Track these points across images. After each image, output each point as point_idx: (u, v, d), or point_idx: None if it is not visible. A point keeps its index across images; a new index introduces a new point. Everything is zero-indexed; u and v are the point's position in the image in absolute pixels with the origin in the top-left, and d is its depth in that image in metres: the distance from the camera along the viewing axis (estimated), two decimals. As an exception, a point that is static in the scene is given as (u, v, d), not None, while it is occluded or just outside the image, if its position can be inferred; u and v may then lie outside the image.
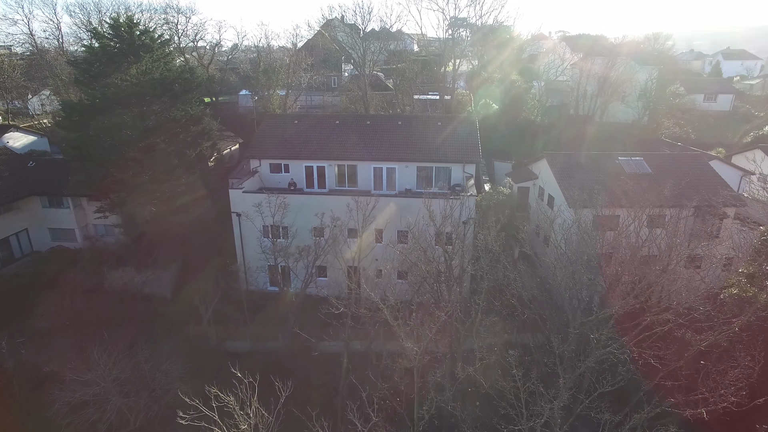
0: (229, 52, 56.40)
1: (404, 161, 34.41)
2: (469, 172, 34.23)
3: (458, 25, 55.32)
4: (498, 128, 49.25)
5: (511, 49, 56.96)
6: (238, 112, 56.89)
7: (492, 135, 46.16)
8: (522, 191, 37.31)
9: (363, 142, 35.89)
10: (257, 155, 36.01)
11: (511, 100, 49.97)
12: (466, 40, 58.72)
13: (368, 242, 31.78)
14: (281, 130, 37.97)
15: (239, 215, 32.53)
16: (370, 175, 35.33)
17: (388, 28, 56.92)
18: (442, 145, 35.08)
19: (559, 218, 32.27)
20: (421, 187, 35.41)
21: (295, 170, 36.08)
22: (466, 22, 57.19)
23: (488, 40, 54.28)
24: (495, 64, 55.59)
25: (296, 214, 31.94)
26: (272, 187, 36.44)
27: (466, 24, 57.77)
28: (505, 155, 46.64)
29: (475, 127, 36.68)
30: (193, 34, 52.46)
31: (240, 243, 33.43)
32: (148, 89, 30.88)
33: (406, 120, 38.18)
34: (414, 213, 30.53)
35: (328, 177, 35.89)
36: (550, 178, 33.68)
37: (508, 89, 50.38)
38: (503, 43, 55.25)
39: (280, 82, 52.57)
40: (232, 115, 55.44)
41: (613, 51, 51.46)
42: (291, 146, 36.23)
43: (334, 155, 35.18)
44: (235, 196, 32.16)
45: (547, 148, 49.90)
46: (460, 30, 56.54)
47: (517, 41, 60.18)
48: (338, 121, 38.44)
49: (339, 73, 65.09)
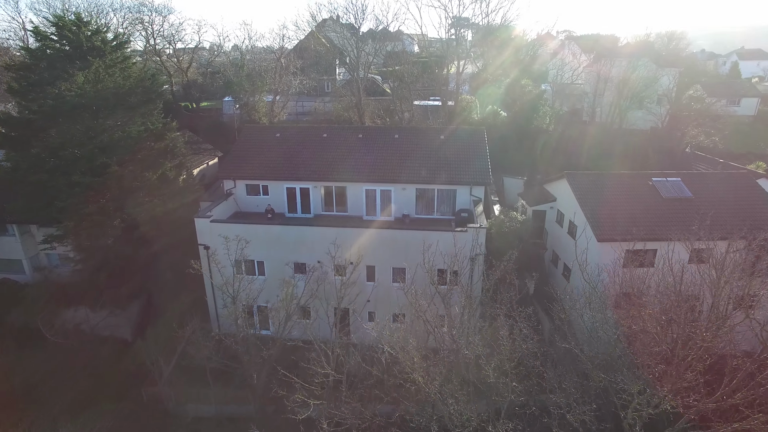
0: (209, 54, 51.62)
1: (401, 182, 29.53)
2: (478, 195, 29.34)
3: (461, 24, 50.35)
4: (507, 138, 44.31)
5: (519, 50, 52.07)
6: (221, 120, 52.03)
7: (500, 146, 41.24)
8: (538, 215, 32.41)
9: (354, 160, 31.01)
10: (232, 175, 31.17)
11: (522, 106, 45.02)
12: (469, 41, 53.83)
13: (358, 280, 26.93)
14: (260, 144, 33.12)
15: (207, 248, 27.69)
16: (362, 199, 30.46)
17: (386, 26, 52.10)
18: (445, 164, 30.19)
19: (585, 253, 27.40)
20: (422, 212, 30.54)
21: (275, 192, 31.22)
22: (468, 21, 52.23)
23: (495, 40, 49.36)
24: (501, 66, 50.67)
25: (273, 248, 27.14)
26: (249, 211, 31.66)
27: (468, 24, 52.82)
28: (516, 170, 41.73)
29: (484, 142, 31.78)
30: (171, 34, 47.75)
31: (210, 280, 28.55)
32: (98, 100, 26.06)
33: (404, 133, 33.29)
34: (412, 248, 25.71)
35: (313, 200, 31.02)
36: (571, 202, 28.78)
37: (518, 94, 45.42)
38: (511, 44, 50.34)
39: (266, 87, 47.70)
40: (214, 123, 50.62)
41: (634, 52, 46.52)
42: (271, 164, 31.38)
43: (321, 175, 30.32)
44: (202, 226, 27.32)
45: (560, 160, 45.12)
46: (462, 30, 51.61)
47: (525, 42, 55.23)
48: (326, 134, 33.56)
49: (333, 77, 60.21)
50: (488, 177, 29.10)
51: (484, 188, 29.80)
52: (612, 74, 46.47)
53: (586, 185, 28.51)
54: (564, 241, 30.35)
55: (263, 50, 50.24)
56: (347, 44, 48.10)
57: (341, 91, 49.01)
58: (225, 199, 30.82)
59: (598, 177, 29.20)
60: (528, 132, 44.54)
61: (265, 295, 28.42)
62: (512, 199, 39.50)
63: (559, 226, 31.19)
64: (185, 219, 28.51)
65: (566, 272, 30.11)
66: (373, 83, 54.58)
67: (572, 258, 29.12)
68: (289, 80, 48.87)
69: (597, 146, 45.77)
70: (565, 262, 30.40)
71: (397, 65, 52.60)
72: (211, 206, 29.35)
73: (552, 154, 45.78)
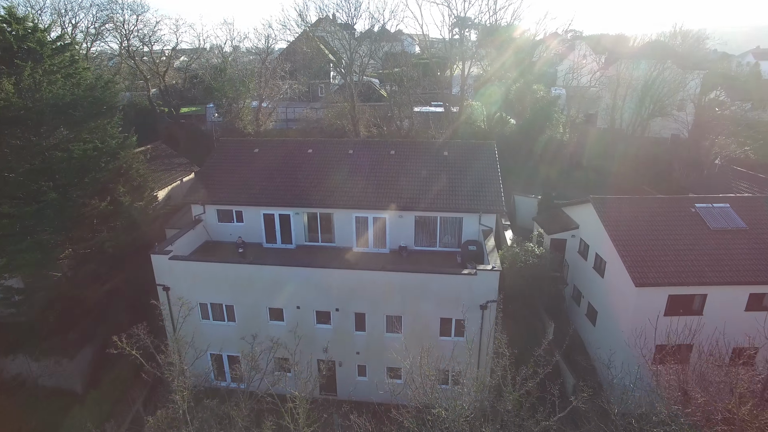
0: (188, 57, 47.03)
1: (397, 209, 25.03)
2: (488, 224, 24.84)
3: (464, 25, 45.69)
4: (517, 149, 39.82)
5: (528, 51, 47.45)
6: (203, 128, 47.58)
7: (509, 158, 36.76)
8: (557, 243, 27.91)
9: (342, 181, 26.55)
10: (200, 198, 26.73)
11: (533, 113, 40.46)
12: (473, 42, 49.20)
13: (345, 330, 22.55)
14: (236, 162, 28.71)
15: (167, 289, 23.27)
16: (351, 227, 25.99)
17: (382, 25, 47.61)
18: (449, 186, 25.72)
19: (614, 294, 22.94)
20: (422, 244, 26.06)
21: (250, 219, 26.78)
22: (471, 21, 47.51)
23: (502, 40, 44.77)
24: (509, 68, 46.02)
25: (244, 290, 22.72)
26: (222, 241, 27.24)
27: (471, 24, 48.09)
28: (528, 186, 37.22)
29: (495, 159, 27.30)
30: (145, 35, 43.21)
31: (172, 324, 24.09)
32: (32, 114, 21.63)
33: (402, 148, 28.80)
34: (410, 293, 21.31)
35: (294, 228, 26.57)
36: (598, 232, 24.28)
37: (529, 100, 40.84)
38: (520, 44, 45.72)
39: (252, 93, 43.25)
40: (195, 132, 46.15)
41: (656, 53, 41.93)
42: (246, 186, 26.94)
43: (303, 199, 25.86)
44: (160, 263, 22.89)
45: (577, 174, 40.58)
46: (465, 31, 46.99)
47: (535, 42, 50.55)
48: (311, 149, 29.10)
49: (326, 81, 55.73)
50: (501, 203, 24.60)
51: (496, 216, 25.31)
52: (633, 77, 41.84)
53: (616, 213, 23.98)
54: (589, 276, 25.84)
55: (247, 52, 45.73)
56: (341, 46, 43.65)
57: (333, 97, 44.46)
58: (193, 227, 26.41)
59: (631, 203, 24.66)
60: (540, 142, 39.99)
61: (237, 343, 24.03)
62: (524, 220, 34.99)
63: (582, 258, 26.67)
64: (146, 250, 24.15)
65: (591, 313, 25.62)
66: (369, 87, 50.09)
67: (599, 298, 24.74)
68: (276, 84, 44.41)
69: (618, 158, 41.22)
70: (590, 301, 25.91)
71: (395, 67, 48.08)
72: (175, 237, 24.94)
73: (568, 168, 41.30)
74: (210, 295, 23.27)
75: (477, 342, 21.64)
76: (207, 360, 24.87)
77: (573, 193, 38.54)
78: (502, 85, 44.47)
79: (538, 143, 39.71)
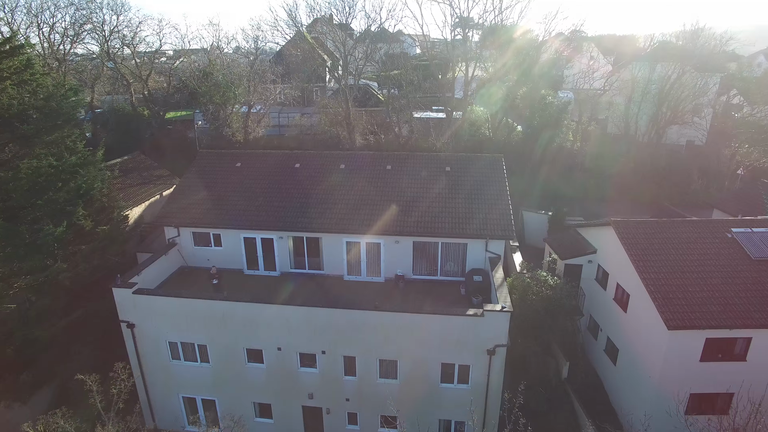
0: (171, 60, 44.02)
1: (393, 233, 22.16)
2: (496, 251, 21.96)
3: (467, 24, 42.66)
4: (525, 159, 36.96)
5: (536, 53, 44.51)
6: (191, 135, 44.80)
7: (516, 169, 33.90)
8: (572, 269, 25.02)
9: (332, 200, 23.72)
10: (173, 220, 23.92)
11: (542, 120, 37.55)
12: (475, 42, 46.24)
13: (333, 375, 19.75)
14: (215, 177, 25.93)
15: (132, 326, 20.47)
16: (342, 253, 23.14)
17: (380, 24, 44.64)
18: (453, 208, 22.85)
19: (640, 333, 20.07)
20: (421, 272, 23.19)
21: (230, 243, 23.95)
22: (472, 21, 44.46)
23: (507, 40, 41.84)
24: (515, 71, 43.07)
25: (218, 329, 19.91)
26: (199, 267, 24.44)
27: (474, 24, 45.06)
28: (537, 200, 34.37)
29: (503, 176, 24.44)
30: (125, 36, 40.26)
31: (138, 364, 21.32)
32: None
33: (399, 162, 25.93)
34: (406, 334, 18.52)
35: (279, 254, 23.73)
36: (621, 260, 21.40)
37: (538, 106, 37.93)
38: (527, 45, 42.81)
39: (240, 98, 40.45)
40: (182, 140, 43.35)
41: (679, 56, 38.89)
42: (226, 206, 24.13)
43: (288, 222, 23.02)
44: (123, 298, 20.09)
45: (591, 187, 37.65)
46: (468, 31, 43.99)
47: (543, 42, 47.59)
48: (298, 163, 26.27)
49: (322, 85, 52.85)
50: (511, 228, 21.71)
51: (504, 242, 22.43)
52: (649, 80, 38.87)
53: (641, 239, 21.08)
54: (608, 308, 22.96)
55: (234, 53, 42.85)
56: (335, 46, 40.86)
57: (327, 103, 41.59)
58: (165, 252, 23.59)
59: (657, 227, 21.73)
60: (550, 151, 37.12)
61: (211, 386, 21.31)
62: (534, 239, 32.13)
63: (600, 287, 23.79)
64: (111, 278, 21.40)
65: (611, 350, 22.75)
66: (366, 92, 47.16)
67: (621, 334, 21.88)
68: (267, 89, 41.60)
69: (632, 168, 38.36)
70: (609, 335, 23.03)
71: (395, 69, 45.22)
72: (145, 264, 22.15)
73: (580, 179, 38.36)
74: (180, 333, 20.47)
75: (483, 390, 18.86)
76: (179, 403, 22.12)
77: (585, 207, 35.70)
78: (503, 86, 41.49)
79: (547, 152, 36.83)
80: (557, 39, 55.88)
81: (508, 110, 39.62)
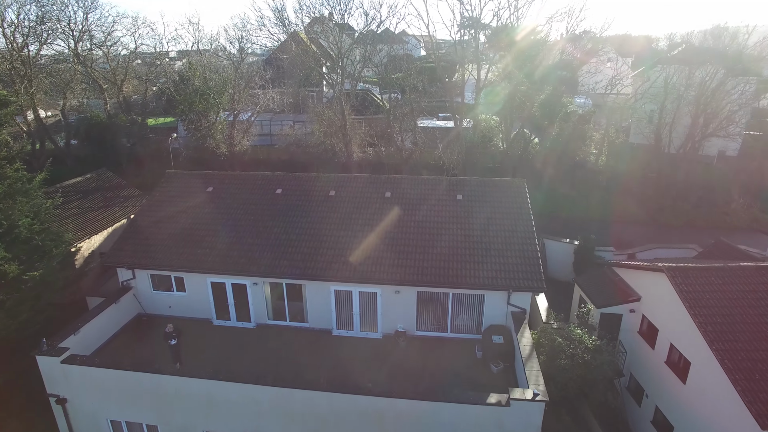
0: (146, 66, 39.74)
1: (393, 282, 17.86)
2: (520, 305, 17.64)
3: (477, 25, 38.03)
4: (543, 177, 32.62)
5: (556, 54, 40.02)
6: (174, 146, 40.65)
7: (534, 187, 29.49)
8: (608, 318, 20.66)
9: (318, 238, 19.45)
10: (127, 260, 19.71)
11: (563, 132, 33.16)
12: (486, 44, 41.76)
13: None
14: (181, 204, 21.72)
15: (63, 402, 16.27)
16: (330, 303, 18.87)
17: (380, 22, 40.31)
18: (466, 248, 18.53)
19: (708, 415, 15.70)
20: (427, 327, 18.88)
21: (196, 288, 19.73)
22: (481, 21, 39.88)
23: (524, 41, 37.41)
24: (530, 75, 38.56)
25: (169, 408, 15.68)
26: (158, 314, 20.25)
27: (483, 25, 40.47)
28: (560, 225, 30.02)
29: (527, 208, 20.12)
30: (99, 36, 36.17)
31: (73, 446, 17.10)
32: None
33: (400, 187, 21.62)
34: (410, 425, 14.26)
35: (253, 303, 19.47)
36: (677, 317, 17.06)
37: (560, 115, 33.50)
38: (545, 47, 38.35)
39: (224, 105, 36.28)
40: (161, 152, 39.20)
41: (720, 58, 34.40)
42: (190, 242, 19.89)
43: (264, 265, 18.75)
44: (50, 367, 15.89)
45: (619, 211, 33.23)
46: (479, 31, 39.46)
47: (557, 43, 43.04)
48: (280, 188, 22.03)
49: (319, 89, 48.59)
50: (540, 278, 17.37)
51: (531, 294, 18.10)
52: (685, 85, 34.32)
53: (706, 293, 16.66)
54: (658, 372, 18.60)
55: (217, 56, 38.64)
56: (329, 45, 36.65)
57: (319, 110, 37.30)
58: (116, 299, 19.41)
59: (726, 276, 17.31)
60: (573, 167, 32.74)
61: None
62: (558, 271, 27.75)
63: (646, 344, 19.43)
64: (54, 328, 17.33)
65: (662, 425, 18.36)
66: (366, 98, 42.92)
67: (677, 409, 17.49)
68: (254, 94, 37.41)
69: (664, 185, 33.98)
70: (658, 405, 18.65)
71: (397, 72, 40.92)
72: (86, 319, 17.98)
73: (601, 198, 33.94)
74: (125, 410, 16.26)
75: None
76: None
77: (611, 232, 31.33)
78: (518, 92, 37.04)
79: (569, 168, 32.44)
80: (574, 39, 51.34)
81: (525, 120, 35.20)
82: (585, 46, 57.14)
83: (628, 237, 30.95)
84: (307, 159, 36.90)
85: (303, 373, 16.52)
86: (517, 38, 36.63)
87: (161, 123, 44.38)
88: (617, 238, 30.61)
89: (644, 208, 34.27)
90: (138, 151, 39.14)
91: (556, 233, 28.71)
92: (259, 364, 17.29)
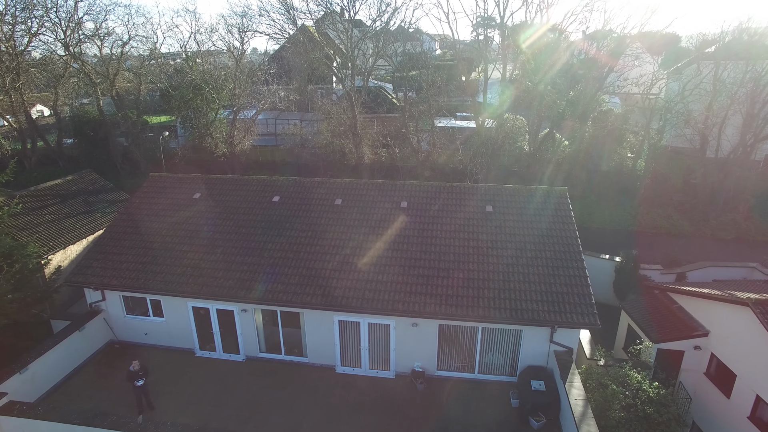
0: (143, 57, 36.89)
1: (411, 313, 14.58)
2: (566, 344, 14.28)
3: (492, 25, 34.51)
4: (576, 183, 29.16)
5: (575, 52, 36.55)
6: (171, 146, 37.88)
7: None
8: (667, 355, 17.20)
9: (320, 257, 16.28)
10: (94, 279, 16.70)
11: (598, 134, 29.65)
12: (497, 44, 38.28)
13: None
14: (162, 213, 18.71)
15: (5, 455, 13.26)
16: (333, 336, 15.66)
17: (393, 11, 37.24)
18: (499, 272, 15.22)
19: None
20: (449, 367, 15.58)
21: (175, 313, 16.67)
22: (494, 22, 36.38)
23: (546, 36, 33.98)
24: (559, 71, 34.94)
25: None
26: (132, 342, 17.25)
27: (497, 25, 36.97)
28: (596, 238, 26.55)
29: (572, 222, 16.78)
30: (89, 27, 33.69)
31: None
32: None
33: (417, 196, 18.39)
34: None
35: (242, 332, 16.35)
36: (761, 357, 13.59)
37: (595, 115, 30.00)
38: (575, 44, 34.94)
39: (224, 101, 33.39)
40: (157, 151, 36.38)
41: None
42: (169, 258, 16.84)
43: (253, 289, 15.60)
44: (-13, 415, 12.89)
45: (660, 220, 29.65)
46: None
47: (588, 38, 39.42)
48: (278, 195, 18.92)
49: (328, 86, 45.57)
50: (592, 311, 14.02)
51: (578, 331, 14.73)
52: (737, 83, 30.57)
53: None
54: (735, 426, 15.10)
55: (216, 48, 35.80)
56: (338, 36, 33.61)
57: (328, 107, 34.17)
58: (80, 326, 16.43)
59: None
60: (607, 173, 29.26)
61: None
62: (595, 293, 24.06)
63: (718, 390, 15.93)
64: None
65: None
66: (378, 95, 39.78)
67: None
68: (258, 91, 34.47)
69: (710, 193, 30.35)
70: (733, 467, 15.14)
71: (413, 70, 37.75)
72: (40, 351, 15.00)
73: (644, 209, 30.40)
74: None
75: None
76: None
77: (659, 248, 27.73)
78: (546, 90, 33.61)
79: (605, 174, 28.97)
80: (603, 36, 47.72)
81: (554, 120, 31.75)
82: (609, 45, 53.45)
83: (673, 252, 27.34)
84: (312, 160, 33.87)
85: (301, 423, 13.36)
86: (541, 33, 33.29)
87: (164, 121, 41.62)
88: (661, 253, 27.02)
89: (688, 219, 30.64)
90: (134, 150, 36.38)
91: (591, 247, 25.18)
92: (245, 412, 14.15)
